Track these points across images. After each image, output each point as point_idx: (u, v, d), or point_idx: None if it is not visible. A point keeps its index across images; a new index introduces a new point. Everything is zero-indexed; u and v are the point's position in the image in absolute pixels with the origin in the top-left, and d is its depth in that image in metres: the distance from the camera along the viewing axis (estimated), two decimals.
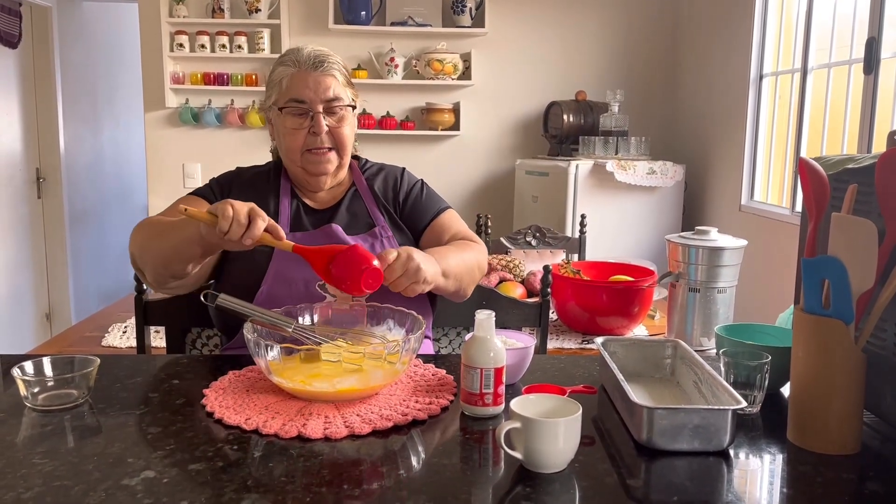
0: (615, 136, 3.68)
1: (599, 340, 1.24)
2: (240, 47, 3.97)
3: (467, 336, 1.11)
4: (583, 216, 3.07)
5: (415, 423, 1.04)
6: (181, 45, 3.95)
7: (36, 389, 1.08)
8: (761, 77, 3.34)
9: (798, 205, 2.97)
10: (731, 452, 0.97)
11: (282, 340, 1.19)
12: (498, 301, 1.66)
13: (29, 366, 1.11)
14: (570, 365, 1.33)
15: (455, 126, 4.13)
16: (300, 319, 1.27)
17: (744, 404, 0.96)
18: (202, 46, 3.95)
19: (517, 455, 0.90)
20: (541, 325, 1.69)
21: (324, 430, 0.99)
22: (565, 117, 3.88)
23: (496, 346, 1.07)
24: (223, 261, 1.47)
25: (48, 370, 1.12)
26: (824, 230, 1.02)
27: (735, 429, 0.96)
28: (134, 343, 2.08)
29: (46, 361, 1.12)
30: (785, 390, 1.20)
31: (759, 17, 3.33)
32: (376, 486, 0.86)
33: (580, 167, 3.51)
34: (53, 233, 4.55)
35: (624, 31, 4.17)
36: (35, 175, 4.43)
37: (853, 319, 0.94)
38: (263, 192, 1.51)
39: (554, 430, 0.88)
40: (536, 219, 3.58)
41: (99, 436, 0.99)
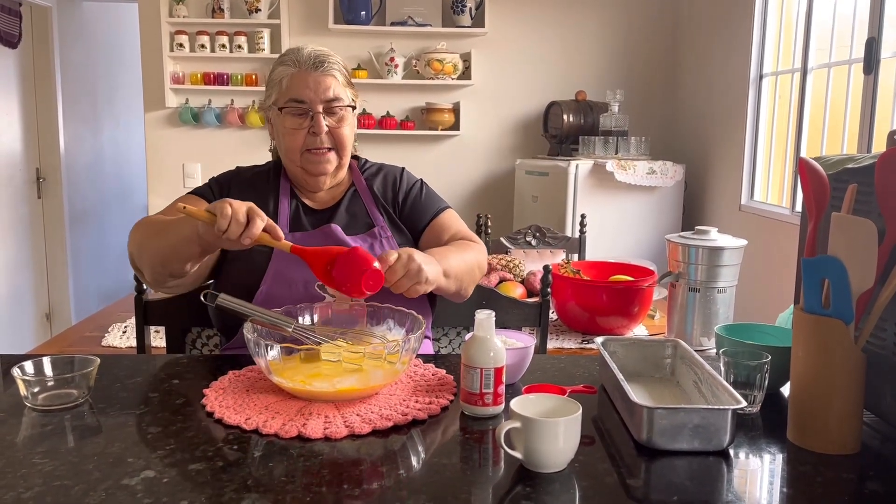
0: (615, 136, 3.68)
1: (599, 340, 1.24)
2: (240, 47, 3.97)
3: (467, 336, 1.11)
4: (583, 216, 3.07)
5: (415, 423, 1.04)
6: (181, 45, 3.95)
7: (36, 389, 1.08)
8: (761, 77, 3.34)
9: (798, 204, 2.97)
10: (731, 452, 0.97)
11: (282, 340, 1.19)
12: (498, 301, 1.66)
13: (29, 366, 1.11)
14: (570, 365, 1.33)
15: (455, 126, 4.13)
16: (300, 319, 1.27)
17: (744, 404, 0.96)
18: (202, 46, 3.95)
19: (517, 455, 0.90)
20: (541, 325, 1.69)
21: (324, 430, 0.99)
22: (565, 117, 3.89)
23: (496, 346, 1.07)
24: (222, 261, 1.47)
25: (48, 370, 1.12)
26: (824, 230, 1.02)
27: (735, 428, 0.96)
28: (134, 343, 2.08)
29: (46, 361, 1.12)
30: (785, 390, 1.20)
31: (759, 17, 3.33)
32: (376, 486, 0.86)
33: (580, 167, 3.51)
34: (53, 233, 4.55)
35: (624, 31, 4.17)
36: (35, 175, 4.43)
37: (853, 319, 0.94)
38: (263, 192, 1.51)
39: (554, 430, 0.88)
40: (536, 219, 3.58)
41: (99, 436, 0.99)
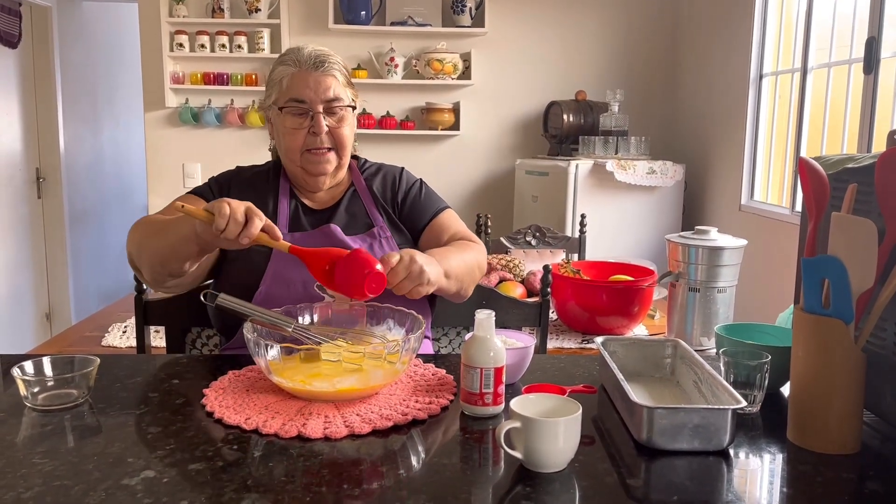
0: (615, 136, 3.68)
1: (599, 340, 1.24)
2: (240, 47, 3.97)
3: (467, 336, 1.10)
4: (583, 216, 3.07)
5: (415, 423, 1.04)
6: (181, 45, 3.95)
7: (36, 389, 1.08)
8: (761, 77, 3.34)
9: (798, 204, 2.97)
10: (731, 452, 0.97)
11: (282, 340, 1.18)
12: (498, 301, 1.66)
13: (29, 366, 1.11)
14: (570, 364, 1.33)
15: (455, 126, 4.13)
16: (300, 319, 1.27)
17: (744, 404, 0.96)
18: (202, 46, 3.95)
19: (517, 455, 0.90)
20: (541, 325, 1.69)
21: (324, 430, 0.99)
22: (565, 117, 3.89)
23: (496, 346, 1.07)
24: (222, 261, 1.47)
25: (48, 370, 1.12)
26: (824, 230, 1.02)
27: (735, 428, 0.96)
28: (134, 343, 2.08)
29: (46, 361, 1.12)
30: (785, 390, 1.20)
31: (759, 17, 3.33)
32: (376, 486, 0.86)
33: (580, 167, 3.51)
34: (53, 233, 4.55)
35: (624, 31, 4.17)
36: (35, 175, 4.43)
37: (853, 319, 0.94)
38: (262, 192, 1.51)
39: (554, 430, 0.88)
40: (536, 218, 3.58)
41: (99, 435, 0.99)
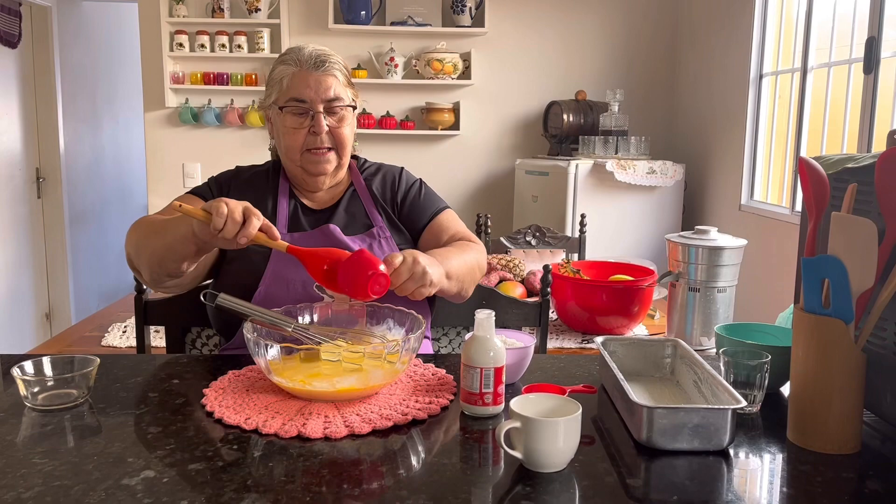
0: (615, 136, 3.68)
1: (599, 340, 1.24)
2: (239, 47, 3.97)
3: (467, 336, 1.10)
4: (583, 216, 3.07)
5: (414, 423, 1.04)
6: (181, 45, 3.95)
7: (36, 389, 1.08)
8: (761, 76, 3.34)
9: (798, 204, 2.97)
10: (731, 452, 0.97)
11: (281, 340, 1.19)
12: (498, 300, 1.66)
13: (29, 365, 1.11)
14: (570, 364, 1.33)
15: (455, 126, 4.13)
16: (300, 319, 1.27)
17: (743, 404, 0.96)
18: (202, 46, 3.95)
19: (517, 454, 0.90)
20: (541, 325, 1.69)
21: (323, 430, 0.99)
22: (565, 117, 3.89)
23: (496, 346, 1.07)
24: (221, 261, 1.47)
25: (48, 370, 1.12)
26: (824, 229, 1.02)
27: (735, 428, 0.96)
28: (134, 343, 2.08)
29: (46, 361, 1.12)
30: (785, 390, 1.20)
31: (759, 17, 3.33)
32: (376, 486, 0.86)
33: (580, 167, 3.51)
34: (53, 233, 4.55)
35: (624, 31, 4.17)
36: (35, 175, 4.43)
37: (853, 319, 0.94)
38: (262, 192, 1.51)
39: (554, 430, 0.88)
40: (536, 218, 3.58)
41: (99, 435, 0.99)
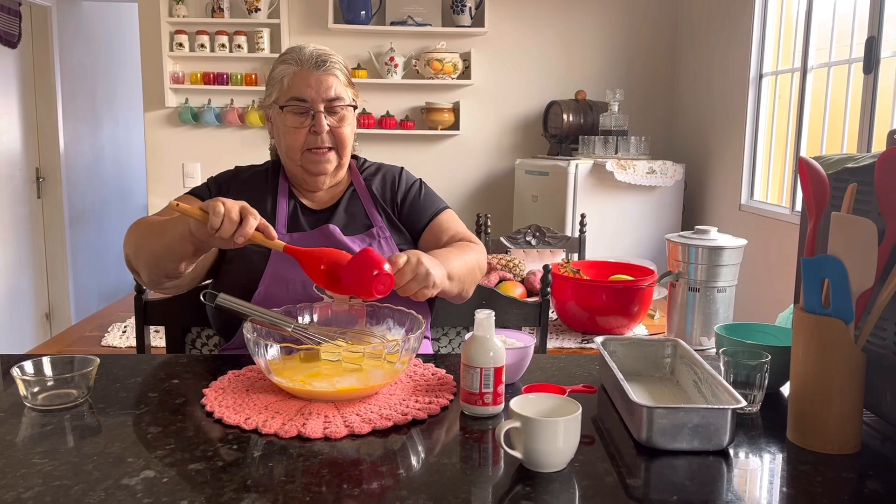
0: (615, 136, 3.68)
1: (599, 340, 1.24)
2: (239, 47, 3.97)
3: (467, 335, 1.10)
4: (582, 216, 3.07)
5: (414, 423, 1.04)
6: (181, 45, 3.95)
7: (36, 389, 1.08)
8: (761, 76, 3.34)
9: (798, 204, 2.97)
10: (731, 452, 0.97)
11: (281, 340, 1.18)
12: (498, 300, 1.66)
13: (29, 365, 1.11)
14: (570, 364, 1.33)
15: (455, 126, 4.13)
16: (300, 319, 1.27)
17: (743, 404, 0.96)
18: (202, 46, 3.95)
19: (517, 454, 0.90)
20: (540, 325, 1.69)
21: (323, 430, 0.99)
22: (565, 117, 3.88)
23: (496, 346, 1.07)
24: (220, 261, 1.47)
25: (48, 370, 1.12)
26: (824, 229, 1.02)
27: (735, 428, 0.96)
28: (134, 343, 2.08)
29: (46, 361, 1.12)
30: (785, 390, 1.20)
31: (759, 17, 3.33)
32: (376, 486, 0.86)
33: (580, 167, 3.51)
34: (53, 233, 4.55)
35: (624, 31, 4.17)
36: (35, 175, 4.43)
37: (853, 319, 0.94)
38: (261, 192, 1.51)
39: (553, 430, 0.88)
40: (536, 218, 3.58)
41: (99, 435, 0.99)
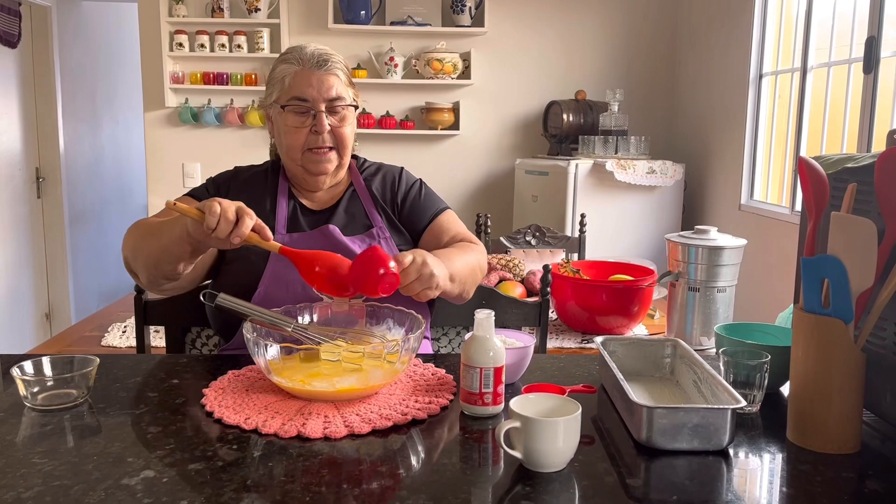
0: (615, 136, 3.68)
1: (599, 340, 1.24)
2: (239, 47, 3.97)
3: (467, 335, 1.10)
4: (582, 215, 3.07)
5: (414, 423, 1.04)
6: (181, 45, 3.95)
7: (35, 389, 1.08)
8: (761, 76, 3.34)
9: (798, 204, 2.97)
10: (731, 452, 0.97)
11: (281, 340, 1.18)
12: (497, 300, 1.66)
13: (28, 365, 1.11)
14: (570, 364, 1.33)
15: (455, 125, 4.13)
16: (300, 319, 1.27)
17: (743, 403, 0.96)
18: (202, 46, 3.95)
19: (517, 454, 0.90)
20: (540, 325, 1.69)
21: (323, 430, 0.99)
22: (565, 117, 3.88)
23: (496, 346, 1.07)
24: (220, 262, 1.47)
25: (48, 370, 1.12)
26: (824, 229, 1.02)
27: (734, 428, 0.96)
28: (133, 343, 2.08)
29: (46, 361, 1.12)
30: (784, 389, 1.20)
31: (759, 17, 3.33)
32: (376, 486, 0.86)
33: (580, 166, 3.51)
34: (53, 233, 4.55)
35: (624, 31, 4.17)
36: (35, 175, 4.43)
37: (853, 318, 0.94)
38: (261, 192, 1.51)
39: (553, 430, 0.88)
40: (536, 218, 3.58)
41: (98, 435, 0.99)
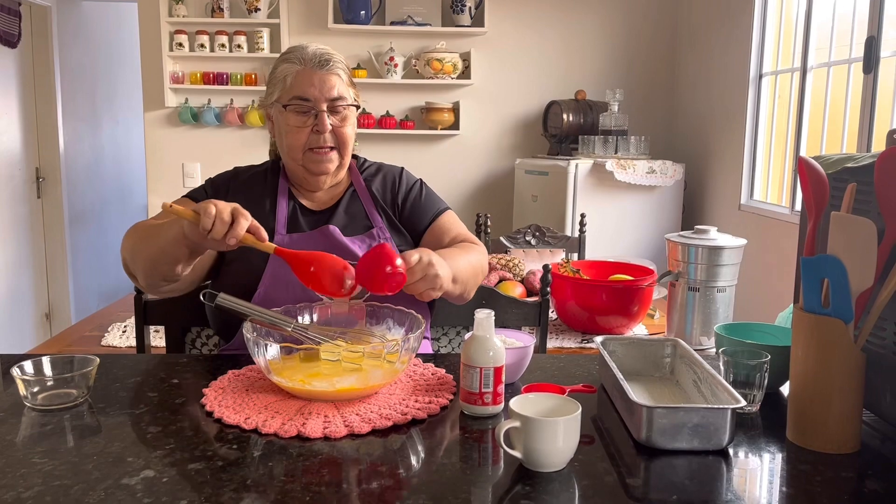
0: (615, 136, 3.68)
1: (599, 339, 1.24)
2: (239, 47, 3.97)
3: (467, 335, 1.10)
4: (582, 215, 3.07)
5: (414, 423, 1.04)
6: (181, 45, 3.95)
7: (35, 389, 1.08)
8: (761, 76, 3.34)
9: (797, 204, 2.97)
10: (731, 451, 0.97)
11: (281, 340, 1.19)
12: (497, 300, 1.66)
13: (28, 365, 1.11)
14: (570, 364, 1.33)
15: (455, 125, 4.13)
16: (300, 319, 1.27)
17: (743, 403, 0.96)
18: (201, 46, 3.95)
19: (516, 454, 0.90)
20: (540, 325, 1.69)
21: (323, 430, 0.99)
22: (565, 116, 3.88)
23: (495, 346, 1.07)
24: (220, 263, 1.47)
25: (48, 370, 1.12)
26: (824, 229, 1.02)
27: (734, 428, 0.96)
28: (133, 342, 2.08)
29: (46, 361, 1.12)
30: (784, 389, 1.20)
31: (759, 17, 3.33)
32: (376, 486, 0.86)
33: (580, 166, 3.51)
34: (53, 232, 4.55)
35: (624, 31, 4.17)
36: (34, 175, 4.43)
37: (852, 318, 0.95)
38: (260, 193, 1.51)
39: (553, 430, 0.88)
40: (536, 218, 3.58)
41: (98, 435, 0.99)
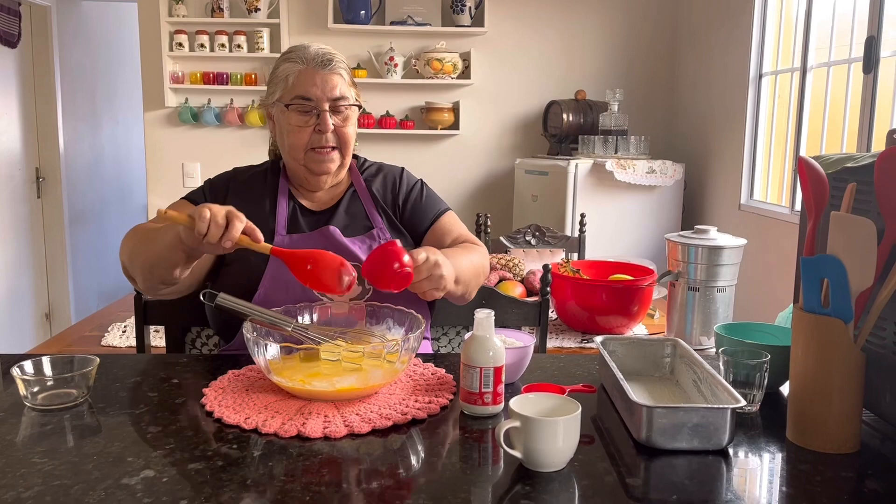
0: (615, 136, 3.68)
1: (599, 339, 1.24)
2: (239, 47, 3.97)
3: (467, 335, 1.10)
4: (582, 215, 3.07)
5: (414, 423, 1.04)
6: (180, 45, 3.95)
7: (35, 389, 1.08)
8: (761, 76, 3.34)
9: (797, 204, 2.97)
10: (731, 451, 0.97)
11: (281, 340, 1.19)
12: (497, 300, 1.66)
13: (28, 365, 1.11)
14: (570, 364, 1.33)
15: (454, 125, 4.13)
16: (300, 319, 1.27)
17: (743, 403, 0.96)
18: (201, 46, 3.95)
19: (516, 454, 0.90)
20: (540, 325, 1.69)
21: (323, 430, 0.99)
22: (565, 116, 3.88)
23: (495, 346, 1.07)
24: (220, 264, 1.47)
25: (48, 370, 1.12)
26: (823, 229, 1.02)
27: (734, 427, 0.96)
28: (133, 342, 2.08)
29: (46, 361, 1.12)
30: (784, 389, 1.20)
31: (759, 16, 3.33)
32: (376, 486, 0.86)
33: (580, 166, 3.51)
34: (53, 232, 4.55)
35: (624, 31, 4.17)
36: (34, 174, 4.43)
37: (852, 318, 0.95)
38: (260, 193, 1.51)
39: (553, 429, 0.88)
40: (536, 218, 3.58)
41: (98, 435, 0.99)
